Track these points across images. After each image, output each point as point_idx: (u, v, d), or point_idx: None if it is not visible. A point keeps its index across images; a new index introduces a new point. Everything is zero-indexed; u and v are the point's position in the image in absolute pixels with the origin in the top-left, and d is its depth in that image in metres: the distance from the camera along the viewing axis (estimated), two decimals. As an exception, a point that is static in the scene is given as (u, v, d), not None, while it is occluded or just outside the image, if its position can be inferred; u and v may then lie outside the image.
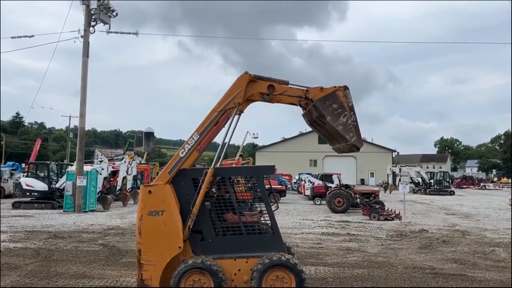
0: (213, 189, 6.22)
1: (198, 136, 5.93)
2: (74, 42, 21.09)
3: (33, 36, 23.25)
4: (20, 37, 23.25)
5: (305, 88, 6.07)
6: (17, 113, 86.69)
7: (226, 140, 6.28)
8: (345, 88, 5.90)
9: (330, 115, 5.78)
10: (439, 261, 9.11)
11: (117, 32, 23.08)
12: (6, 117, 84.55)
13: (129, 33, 23.76)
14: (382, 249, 10.53)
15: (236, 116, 6.03)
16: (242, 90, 5.95)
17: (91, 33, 21.10)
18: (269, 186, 7.12)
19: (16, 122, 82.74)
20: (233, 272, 5.76)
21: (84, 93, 20.75)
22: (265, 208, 6.02)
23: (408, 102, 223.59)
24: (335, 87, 5.95)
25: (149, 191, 5.80)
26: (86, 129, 23.23)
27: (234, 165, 20.87)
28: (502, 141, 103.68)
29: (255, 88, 6.04)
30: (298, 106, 6.19)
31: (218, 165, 6.08)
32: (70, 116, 63.59)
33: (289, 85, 6.14)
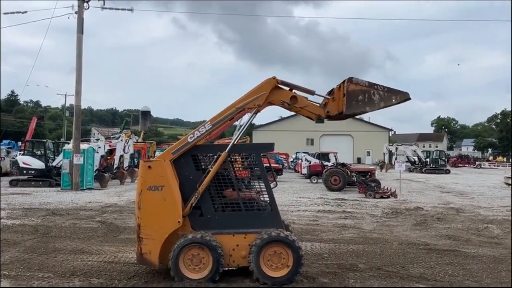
0: (210, 167, 6.25)
1: (211, 127, 5.91)
2: (68, 18, 20.81)
3: (26, 12, 22.81)
4: (13, 13, 22.79)
5: (325, 109, 6.01)
6: (12, 91, 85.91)
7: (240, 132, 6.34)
8: (350, 79, 5.82)
9: (366, 107, 5.77)
10: (433, 238, 9.25)
11: (111, 8, 22.73)
12: (1, 95, 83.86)
13: (124, 9, 23.42)
14: (377, 226, 10.67)
15: (254, 114, 6.02)
16: (265, 94, 5.92)
17: (85, 9, 20.75)
18: (268, 164, 7.16)
19: (11, 100, 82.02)
20: (231, 248, 5.83)
21: (79, 70, 20.55)
22: (263, 185, 6.08)
23: (405, 81, 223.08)
24: (340, 86, 5.87)
25: (149, 167, 5.81)
26: (82, 107, 23.07)
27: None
28: (498, 120, 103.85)
29: (279, 95, 6.01)
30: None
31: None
32: (65, 94, 63.14)
33: (315, 94, 6.06)
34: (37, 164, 22.00)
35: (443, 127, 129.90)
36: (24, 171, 21.97)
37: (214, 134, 5.93)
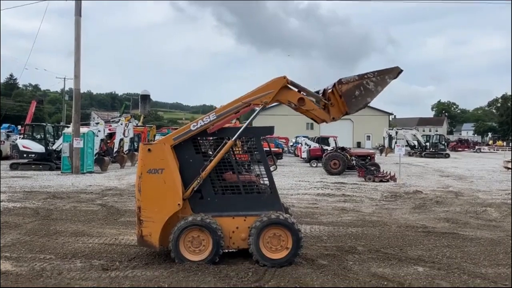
0: (210, 151, 6.27)
1: (215, 117, 5.91)
2: None
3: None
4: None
5: (330, 115, 6.09)
6: (11, 75, 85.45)
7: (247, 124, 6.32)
8: (340, 81, 5.91)
9: (367, 98, 5.89)
10: (431, 221, 9.31)
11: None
12: (0, 79, 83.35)
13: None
14: (377, 209, 10.73)
15: (260, 108, 6.04)
16: (273, 92, 5.93)
17: (83, -9, 20.47)
18: (268, 148, 7.16)
19: (10, 84, 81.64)
20: (231, 230, 5.87)
21: (78, 53, 20.40)
22: (263, 169, 6.09)
23: (406, 65, 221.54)
24: (332, 91, 5.97)
25: (149, 150, 5.81)
26: (82, 91, 22.99)
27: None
28: (499, 104, 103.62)
29: (287, 95, 6.02)
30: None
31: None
32: (64, 78, 62.76)
33: (321, 99, 6.12)
34: (37, 147, 22.04)
35: (443, 111, 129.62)
36: (24, 155, 22.03)
37: (217, 126, 5.93)
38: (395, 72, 6.05)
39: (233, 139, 5.94)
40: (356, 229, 8.27)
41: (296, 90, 6.07)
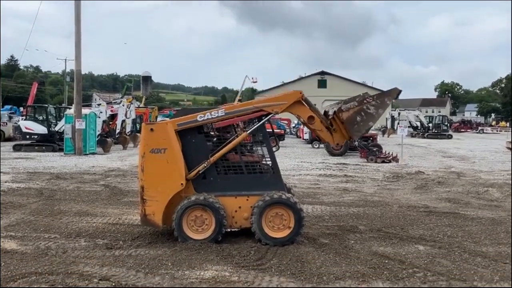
0: (212, 132, 6.28)
1: (224, 114, 5.94)
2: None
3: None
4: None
5: (334, 141, 6.24)
6: (12, 56, 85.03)
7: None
8: (340, 109, 6.00)
9: (369, 122, 6.01)
10: (433, 201, 9.35)
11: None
12: (1, 60, 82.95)
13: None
14: (378, 190, 10.77)
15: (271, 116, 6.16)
16: (287, 104, 6.02)
17: (82, -30, 20.16)
18: (270, 129, 7.18)
19: (11, 65, 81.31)
20: (234, 209, 5.92)
21: (78, 34, 20.22)
22: (266, 149, 6.11)
23: (409, 45, 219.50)
24: (332, 117, 6.14)
25: (151, 129, 5.82)
26: (83, 73, 22.86)
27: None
28: (503, 85, 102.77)
29: (298, 109, 6.13)
30: None
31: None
32: (65, 59, 62.31)
33: (328, 126, 6.22)
34: (40, 129, 22.09)
35: (446, 92, 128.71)
36: (27, 136, 22.14)
37: (224, 123, 5.99)
38: (394, 93, 6.18)
39: (247, 132, 6.03)
40: (358, 209, 8.31)
41: (308, 107, 6.15)
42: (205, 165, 5.87)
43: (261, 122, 6.08)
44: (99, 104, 24.13)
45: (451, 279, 4.69)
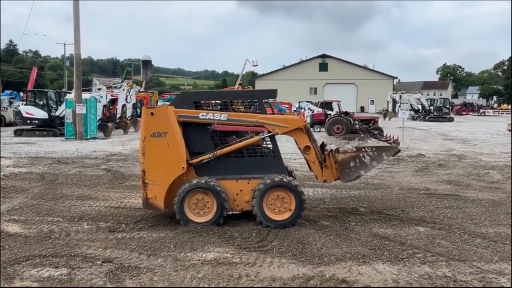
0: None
1: (226, 119, 5.93)
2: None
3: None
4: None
5: (322, 177, 6.26)
6: (11, 41, 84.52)
7: None
8: (337, 150, 6.04)
9: (360, 170, 6.05)
10: (434, 183, 9.38)
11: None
12: (0, 45, 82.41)
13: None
14: (379, 172, 10.79)
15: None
16: (289, 128, 6.04)
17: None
18: (271, 113, 7.15)
19: (10, 50, 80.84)
20: (235, 193, 5.95)
21: (77, 17, 20.03)
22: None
23: (411, 27, 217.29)
24: (327, 153, 6.15)
25: (151, 113, 5.81)
26: (82, 57, 22.73)
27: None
28: (505, 67, 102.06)
29: (298, 136, 6.17)
30: None
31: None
32: (65, 44, 61.86)
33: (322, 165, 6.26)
34: (40, 113, 22.07)
35: (448, 75, 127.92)
36: (28, 121, 22.12)
37: (223, 127, 5.98)
38: (392, 151, 6.27)
39: (261, 136, 6.05)
40: (359, 192, 8.35)
41: (307, 137, 6.17)
42: (210, 156, 5.89)
43: (264, 137, 6.11)
44: (99, 89, 24.07)
45: (450, 259, 4.74)
